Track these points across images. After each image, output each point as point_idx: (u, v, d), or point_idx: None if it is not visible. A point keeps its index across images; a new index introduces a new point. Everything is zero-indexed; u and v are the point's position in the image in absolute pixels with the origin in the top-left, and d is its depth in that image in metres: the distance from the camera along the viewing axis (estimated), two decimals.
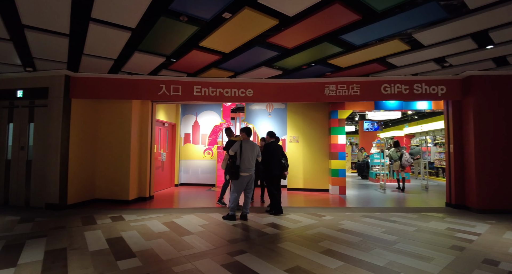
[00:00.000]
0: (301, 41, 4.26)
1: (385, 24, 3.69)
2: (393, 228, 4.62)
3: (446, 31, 3.94)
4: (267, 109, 9.50)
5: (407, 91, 6.21)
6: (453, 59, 5.12)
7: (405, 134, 15.79)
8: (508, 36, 4.14)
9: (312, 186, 8.47)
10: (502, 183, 5.76)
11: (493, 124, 5.88)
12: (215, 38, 4.17)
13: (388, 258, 3.34)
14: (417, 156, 10.70)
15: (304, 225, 4.80)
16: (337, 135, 8.06)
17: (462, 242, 3.97)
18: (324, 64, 5.36)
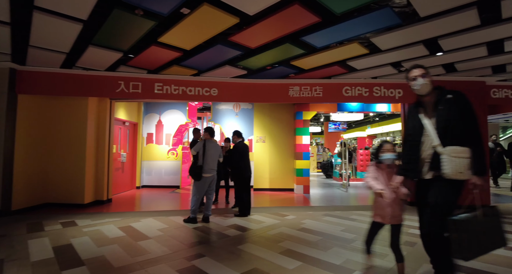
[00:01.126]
0: (264, 41, 4.24)
1: (344, 27, 3.77)
2: (352, 226, 4.75)
3: (401, 37, 4.13)
4: (234, 109, 9.42)
5: (367, 94, 6.45)
6: (408, 64, 5.39)
7: (367, 135, 16.52)
8: (455, 45, 4.43)
9: (278, 186, 8.54)
10: None
11: None
12: (175, 34, 4.02)
13: (345, 257, 3.41)
14: None
15: (266, 226, 4.78)
16: (302, 136, 8.19)
17: (414, 237, 4.17)
18: (288, 66, 5.40)
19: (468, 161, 2.18)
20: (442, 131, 2.27)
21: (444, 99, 2.33)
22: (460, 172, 2.16)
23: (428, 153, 2.34)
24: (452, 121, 2.24)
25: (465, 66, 5.53)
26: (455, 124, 2.23)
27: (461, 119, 2.24)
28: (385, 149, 2.71)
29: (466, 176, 2.19)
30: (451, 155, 2.18)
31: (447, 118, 2.26)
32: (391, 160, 2.67)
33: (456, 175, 2.17)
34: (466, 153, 2.19)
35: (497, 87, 6.71)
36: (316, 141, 21.06)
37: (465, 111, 2.27)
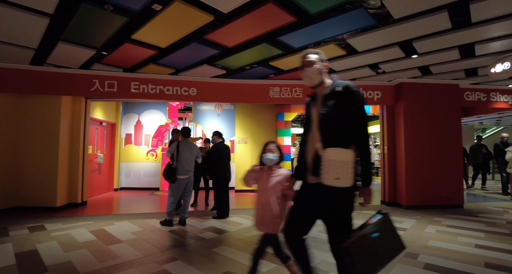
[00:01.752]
0: (241, 41, 4.18)
1: (320, 27, 3.77)
2: None
3: (376, 38, 4.17)
4: (216, 110, 9.32)
5: None
6: (385, 66, 5.48)
7: None
8: (428, 47, 4.52)
9: None
10: (426, 181, 6.32)
11: (419, 128, 6.43)
12: (148, 32, 3.90)
13: (320, 258, 3.39)
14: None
15: (244, 227, 4.72)
16: (283, 136, 8.19)
17: None
18: (267, 66, 5.37)
19: (350, 166, 1.82)
20: (324, 129, 1.92)
21: (333, 92, 1.94)
22: (336, 178, 1.82)
23: (311, 154, 2.01)
24: (336, 119, 1.89)
25: (439, 69, 5.67)
26: (340, 122, 1.89)
27: (348, 116, 1.89)
28: (267, 149, 2.44)
29: (344, 182, 1.82)
30: (329, 157, 1.84)
31: (331, 115, 1.90)
32: (272, 161, 2.39)
33: (332, 182, 1.82)
34: (347, 156, 1.84)
35: (470, 90, 6.94)
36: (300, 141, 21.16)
37: (353, 107, 1.90)
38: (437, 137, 6.43)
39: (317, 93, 2.08)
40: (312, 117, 2.03)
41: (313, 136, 2.00)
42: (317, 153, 1.93)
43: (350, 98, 1.90)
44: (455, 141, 6.52)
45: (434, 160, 6.38)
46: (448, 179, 6.37)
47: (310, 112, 2.08)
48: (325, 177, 1.85)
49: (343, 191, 1.86)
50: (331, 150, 1.86)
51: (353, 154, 1.86)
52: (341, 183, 1.82)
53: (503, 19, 3.61)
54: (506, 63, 4.83)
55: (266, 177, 2.42)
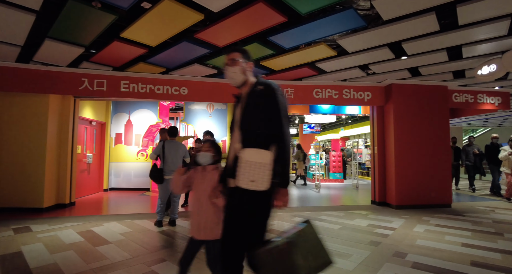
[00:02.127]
0: (231, 40, 4.17)
1: (311, 28, 3.78)
2: (320, 227, 4.77)
3: (366, 39, 4.21)
4: (207, 110, 9.26)
5: (337, 96, 6.56)
6: (375, 67, 5.53)
7: (340, 137, 16.89)
8: (417, 49, 4.58)
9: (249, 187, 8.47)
10: (415, 181, 6.41)
11: (408, 129, 6.51)
12: (138, 30, 3.85)
13: None
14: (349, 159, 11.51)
15: None
16: None
17: (379, 237, 4.25)
18: (258, 66, 5.36)
19: (267, 168, 1.72)
20: (244, 129, 1.84)
21: (254, 91, 1.89)
22: (252, 180, 1.70)
23: (232, 155, 1.90)
24: (256, 118, 1.81)
25: (428, 71, 5.76)
26: (259, 122, 1.80)
27: (267, 116, 1.80)
28: (203, 148, 2.30)
29: (260, 185, 1.70)
30: (246, 158, 1.74)
31: (251, 114, 1.84)
32: (205, 161, 2.23)
33: (247, 184, 1.71)
34: (265, 158, 1.74)
35: (458, 91, 7.07)
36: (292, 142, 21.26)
37: (272, 107, 1.81)
38: (426, 138, 6.52)
39: (242, 93, 1.99)
40: (236, 117, 1.95)
41: (235, 137, 1.91)
42: (237, 154, 1.84)
43: (270, 97, 1.83)
44: (444, 142, 6.63)
45: (423, 160, 6.47)
46: (437, 179, 6.47)
47: (235, 112, 2.00)
48: (240, 179, 1.73)
49: (257, 194, 1.73)
50: (249, 151, 1.76)
51: (271, 155, 1.76)
52: (256, 186, 1.70)
53: (489, 22, 3.68)
54: (492, 66, 4.93)
55: (200, 179, 2.24)
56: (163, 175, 4.71)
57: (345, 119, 15.31)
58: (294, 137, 21.95)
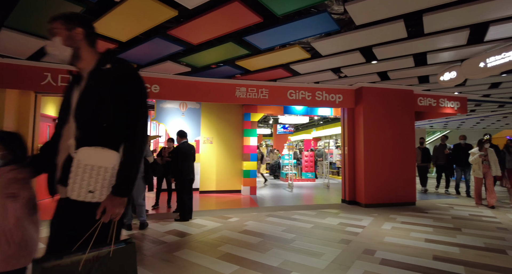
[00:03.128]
0: (206, 38, 4.09)
1: (286, 30, 3.81)
2: (292, 226, 4.83)
3: (339, 43, 4.32)
4: (180, 108, 9.04)
5: (310, 98, 6.69)
6: (347, 71, 5.70)
7: (313, 137, 17.27)
8: (387, 54, 4.78)
9: (225, 188, 8.41)
10: (383, 180, 6.70)
11: (377, 130, 6.79)
12: (107, 24, 3.66)
13: (283, 258, 3.42)
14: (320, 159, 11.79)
15: (207, 230, 4.62)
16: (250, 137, 8.19)
17: (350, 235, 4.38)
18: (233, 66, 5.32)
19: (110, 174, 1.33)
20: (81, 121, 1.37)
21: (99, 70, 1.43)
22: (90, 191, 1.30)
23: (63, 155, 1.41)
24: (99, 106, 1.36)
25: (396, 75, 6.04)
26: (103, 111, 1.36)
27: (116, 105, 1.38)
28: None
29: (99, 197, 1.32)
30: (83, 160, 1.30)
31: (92, 100, 1.37)
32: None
33: (84, 196, 1.30)
34: (108, 160, 1.33)
35: (423, 96, 7.49)
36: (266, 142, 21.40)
37: (125, 92, 1.39)
38: (393, 139, 6.84)
39: (80, 70, 1.50)
40: (68, 103, 1.44)
41: (66, 130, 1.42)
42: (70, 154, 1.36)
43: (123, 79, 1.40)
44: (409, 143, 6.99)
45: (390, 160, 6.78)
46: (402, 178, 6.81)
47: (69, 95, 1.47)
48: (73, 189, 1.30)
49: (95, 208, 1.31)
50: (86, 150, 1.31)
51: (117, 156, 1.36)
52: (95, 197, 1.31)
53: (450, 32, 3.92)
54: (453, 72, 5.26)
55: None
56: None
57: (317, 120, 15.68)
58: (268, 137, 22.12)
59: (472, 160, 6.83)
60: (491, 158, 6.64)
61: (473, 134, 16.80)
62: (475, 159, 6.74)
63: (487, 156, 6.64)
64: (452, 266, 3.19)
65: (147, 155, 4.85)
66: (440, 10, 3.36)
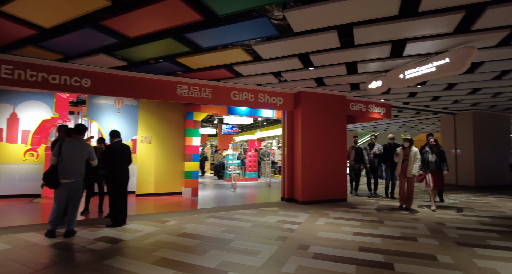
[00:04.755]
0: (143, 32, 3.88)
1: (228, 30, 3.82)
2: (232, 226, 4.86)
3: (279, 48, 4.48)
4: (115, 105, 8.40)
5: (253, 100, 6.82)
6: (287, 75, 5.95)
7: (257, 138, 17.63)
8: (322, 61, 5.11)
9: (165, 190, 8.06)
10: (318, 178, 7.15)
11: (313, 132, 7.22)
12: (25, 5, 3.23)
13: (221, 258, 3.41)
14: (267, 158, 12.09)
15: (142, 234, 4.38)
16: (192, 137, 8.00)
17: (286, 232, 4.57)
18: (173, 62, 5.14)
19: None
20: None
21: None
22: None
23: None
24: None
25: (331, 82, 6.50)
26: None
27: None
28: None
29: None
30: None
31: None
32: None
33: None
34: None
35: (354, 101, 8.19)
36: (211, 142, 21.15)
37: None
38: (327, 141, 7.35)
39: None
40: None
41: None
42: None
43: None
44: (341, 144, 7.59)
45: (325, 160, 7.27)
46: (335, 177, 7.35)
47: None
48: None
49: None
50: None
51: None
52: None
53: (376, 45, 4.36)
54: (379, 81, 5.87)
55: None
56: (58, 178, 4.07)
57: (261, 121, 16.04)
58: (213, 137, 21.90)
59: (396, 160, 6.70)
60: (411, 158, 6.32)
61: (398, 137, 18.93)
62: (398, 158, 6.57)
63: (408, 156, 6.38)
64: (374, 255, 3.54)
65: (91, 158, 4.41)
66: (367, 25, 3.72)
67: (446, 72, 4.50)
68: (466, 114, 10.57)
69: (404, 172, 6.50)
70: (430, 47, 4.45)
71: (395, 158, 6.79)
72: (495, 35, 3.97)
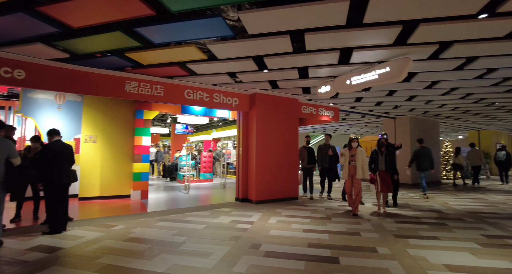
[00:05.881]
0: (89, 23, 3.60)
1: (181, 27, 3.73)
2: (184, 229, 4.74)
3: (233, 49, 4.50)
4: (56, 101, 7.66)
5: (207, 99, 6.74)
6: (242, 76, 5.99)
7: (213, 138, 17.44)
8: (276, 65, 5.25)
9: (112, 193, 7.55)
10: (272, 178, 7.32)
11: (267, 133, 7.38)
12: None
13: (171, 262, 3.30)
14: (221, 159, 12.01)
15: (85, 241, 4.05)
16: (142, 136, 7.63)
17: (239, 232, 4.59)
18: (122, 57, 4.86)
19: None
20: None
21: None
22: None
23: None
24: None
25: (284, 85, 6.71)
26: None
27: None
28: None
29: None
30: None
31: None
32: None
33: None
34: None
35: (306, 104, 8.55)
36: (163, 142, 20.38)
37: None
38: (280, 142, 7.57)
39: None
40: None
41: None
42: None
43: None
44: (294, 145, 7.87)
45: (278, 160, 7.47)
46: (288, 176, 7.59)
47: None
48: None
49: None
50: None
51: None
52: None
53: (326, 51, 4.62)
54: (327, 86, 6.21)
55: None
56: None
57: (217, 121, 15.91)
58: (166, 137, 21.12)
59: (342, 161, 6.33)
60: (358, 159, 5.95)
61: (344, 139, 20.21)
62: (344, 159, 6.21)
63: (354, 156, 6.02)
64: (322, 251, 3.73)
65: (11, 156, 3.86)
66: (318, 32, 3.91)
67: (387, 80, 4.93)
68: (405, 119, 11.67)
69: (351, 174, 6.07)
70: (374, 56, 4.84)
71: (341, 159, 6.45)
72: (427, 49, 4.46)
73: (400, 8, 3.24)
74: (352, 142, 6.14)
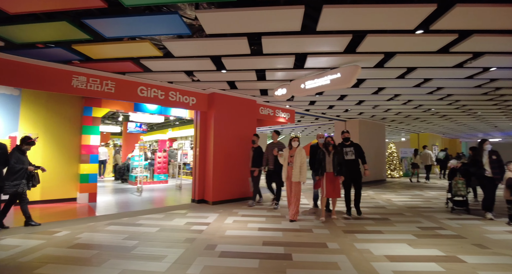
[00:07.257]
0: (29, 9, 3.27)
1: (136, 22, 3.57)
2: (136, 232, 4.54)
3: (190, 47, 4.43)
4: None
5: (163, 97, 6.53)
6: (200, 75, 5.92)
7: (169, 138, 16.88)
8: (234, 66, 5.28)
9: (55, 196, 6.93)
10: (228, 178, 7.32)
11: (225, 134, 7.38)
12: None
13: (121, 267, 3.15)
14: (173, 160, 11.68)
15: (22, 250, 3.67)
16: (90, 135, 7.14)
17: (195, 233, 4.52)
18: (69, 49, 4.49)
19: None
20: None
21: None
22: None
23: None
24: None
25: (242, 86, 6.77)
26: None
27: None
28: None
29: None
30: None
31: None
32: None
33: None
34: None
35: (263, 106, 8.71)
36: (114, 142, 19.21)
37: None
38: (237, 142, 7.61)
39: None
40: None
41: None
42: None
43: None
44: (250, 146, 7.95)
45: (235, 161, 7.50)
46: (245, 176, 7.66)
47: None
48: None
49: None
50: None
51: None
52: None
53: (282, 56, 4.77)
54: (284, 89, 6.41)
55: None
56: None
57: (173, 120, 15.44)
58: (117, 136, 19.93)
59: (282, 161, 5.65)
60: (296, 160, 5.33)
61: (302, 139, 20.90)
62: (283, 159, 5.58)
63: (292, 157, 5.39)
64: (276, 248, 3.84)
65: None
66: (275, 36, 4.03)
67: (338, 85, 5.24)
68: (354, 122, 12.46)
69: (290, 176, 5.43)
70: (326, 63, 5.11)
71: (279, 159, 5.72)
72: (373, 58, 4.84)
73: (350, 19, 3.48)
74: (293, 141, 5.46)
